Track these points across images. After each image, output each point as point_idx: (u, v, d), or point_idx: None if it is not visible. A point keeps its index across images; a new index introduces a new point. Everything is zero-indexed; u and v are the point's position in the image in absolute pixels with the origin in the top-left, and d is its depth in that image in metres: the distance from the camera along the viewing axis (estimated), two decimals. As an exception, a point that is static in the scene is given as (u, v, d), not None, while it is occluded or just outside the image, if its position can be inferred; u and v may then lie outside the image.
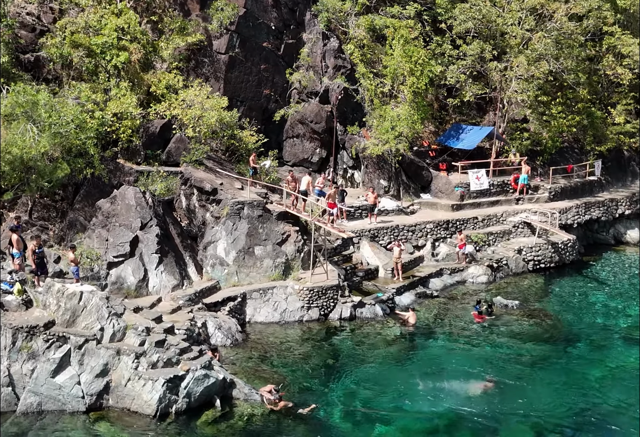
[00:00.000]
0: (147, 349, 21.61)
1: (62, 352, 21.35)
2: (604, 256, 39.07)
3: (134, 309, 23.66)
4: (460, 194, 36.68)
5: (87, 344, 21.49)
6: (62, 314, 21.84)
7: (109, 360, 21.46)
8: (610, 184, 42.52)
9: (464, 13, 37.24)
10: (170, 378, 21.13)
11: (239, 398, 22.39)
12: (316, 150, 37.26)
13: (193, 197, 30.60)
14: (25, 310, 22.39)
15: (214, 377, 21.81)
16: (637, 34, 41.16)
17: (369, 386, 24.31)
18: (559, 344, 28.13)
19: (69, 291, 21.91)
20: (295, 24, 37.98)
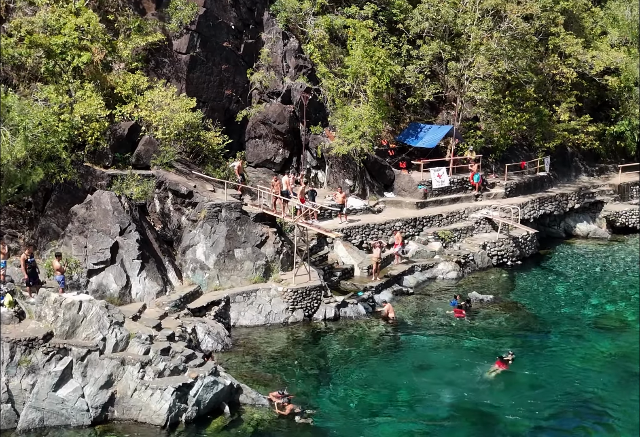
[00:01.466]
0: (153, 358, 21.07)
1: (63, 365, 20.56)
2: (557, 248, 40.45)
3: (133, 317, 22.96)
4: (424, 191, 37.26)
5: (90, 355, 20.77)
6: (60, 325, 21.00)
7: (113, 370, 20.80)
8: (558, 180, 44.05)
9: (423, 13, 37.77)
10: (179, 386, 20.68)
11: (247, 403, 22.11)
12: (279, 151, 37.04)
13: (168, 200, 29.94)
14: (19, 322, 21.43)
15: (222, 384, 21.46)
16: (580, 34, 42.77)
17: (364, 385, 24.47)
18: (535, 336, 29.03)
19: (67, 300, 21.10)
20: (254, 23, 37.68)
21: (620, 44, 45.78)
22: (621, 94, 45.67)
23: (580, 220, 42.76)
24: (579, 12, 42.49)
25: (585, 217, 43.02)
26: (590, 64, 41.88)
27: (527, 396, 24.08)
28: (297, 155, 37.50)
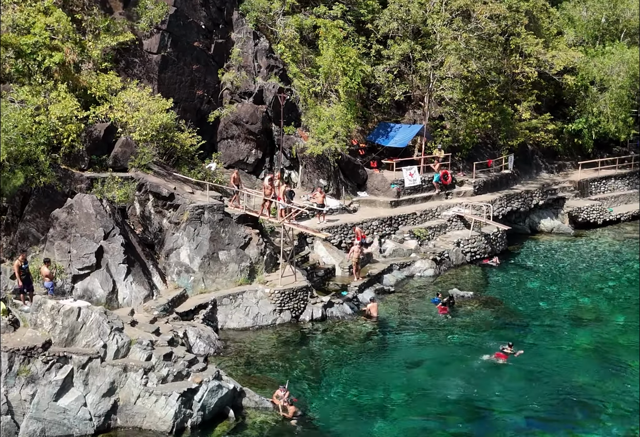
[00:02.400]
0: (155, 364, 20.70)
1: (64, 373, 20.01)
2: (524, 244, 41.28)
3: (131, 323, 22.47)
4: (397, 190, 37.53)
5: (91, 363, 20.28)
6: (59, 332, 20.43)
7: (115, 378, 20.35)
8: (520, 177, 44.95)
9: (393, 13, 38.02)
10: (184, 392, 20.36)
11: (250, 407, 21.92)
12: (252, 152, 36.78)
13: (148, 203, 29.39)
14: (14, 331, 20.76)
15: (226, 388, 21.20)
16: (538, 34, 43.70)
17: (357, 385, 24.58)
18: (517, 330, 29.60)
19: (65, 307, 20.53)
20: (223, 23, 37.28)
21: (577, 43, 46.95)
22: (578, 92, 46.82)
23: (544, 216, 43.74)
24: (537, 12, 43.36)
25: (548, 213, 44.02)
26: (550, 64, 42.81)
27: (517, 388, 24.69)
28: (270, 155, 37.30)
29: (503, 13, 38.02)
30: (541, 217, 43.58)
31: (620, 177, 48.51)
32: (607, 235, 43.76)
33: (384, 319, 29.77)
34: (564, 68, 44.35)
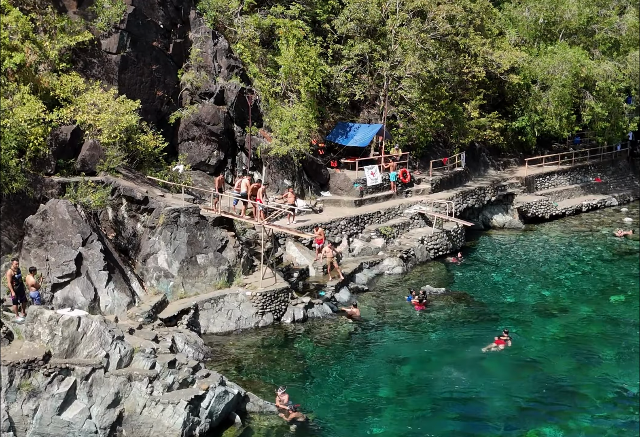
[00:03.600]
0: (160, 372, 20.20)
1: (66, 386, 19.29)
2: (480, 240, 42.20)
3: (129, 331, 21.83)
4: (360, 190, 37.74)
5: (95, 374, 19.61)
6: (59, 343, 19.67)
7: (120, 388, 19.74)
8: (471, 174, 45.93)
9: (351, 13, 38.18)
10: (192, 399, 19.93)
11: (254, 411, 21.71)
12: (214, 153, 36.21)
13: (121, 207, 28.59)
14: (9, 344, 19.86)
15: (231, 393, 20.90)
16: (485, 35, 44.75)
17: (346, 384, 24.71)
18: (490, 324, 30.27)
19: (64, 317, 19.76)
20: (180, 22, 36.57)
21: (520, 43, 48.28)
22: (520, 91, 48.17)
23: (496, 212, 44.84)
24: (482, 13, 44.33)
25: (499, 209, 45.14)
26: (497, 63, 43.88)
27: (503, 380, 25.30)
28: (232, 157, 36.85)
29: (459, 14, 38.73)
30: (493, 213, 44.65)
31: (562, 172, 50.23)
32: (555, 229, 45.23)
33: (363, 317, 29.90)
34: (510, 67, 45.51)
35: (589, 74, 45.41)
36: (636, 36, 47.77)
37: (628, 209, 50.33)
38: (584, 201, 49.31)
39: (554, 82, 45.89)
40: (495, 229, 44.39)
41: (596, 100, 46.19)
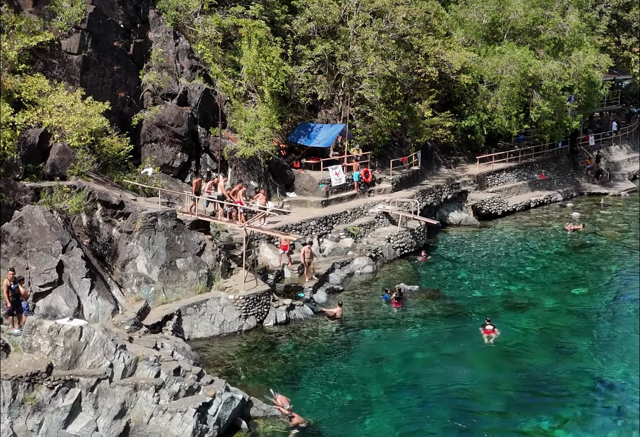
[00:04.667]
0: (166, 380, 19.73)
1: (71, 398, 18.64)
2: (439, 237, 42.85)
3: (128, 339, 21.22)
4: (325, 190, 37.77)
5: (100, 384, 19.00)
6: (61, 355, 18.97)
7: (126, 398, 19.19)
8: (425, 173, 46.58)
9: (313, 13, 38.10)
10: (200, 406, 19.55)
11: (259, 416, 21.45)
12: (177, 155, 35.55)
13: (96, 212, 27.75)
14: (6, 357, 19.03)
15: (237, 399, 20.59)
16: (435, 35, 45.43)
17: (336, 385, 24.73)
18: (463, 319, 30.85)
19: (66, 327, 19.07)
20: (140, 22, 35.77)
21: (468, 44, 49.20)
22: (469, 90, 49.12)
23: (452, 209, 45.61)
24: (433, 14, 44.97)
25: (454, 206, 45.95)
26: (449, 64, 44.62)
27: (486, 374, 25.83)
28: (196, 159, 36.29)
29: (418, 14, 39.20)
30: (449, 211, 45.40)
31: (510, 170, 51.54)
32: (509, 225, 46.36)
33: (344, 317, 29.96)
34: (460, 67, 46.31)
35: (536, 74, 46.71)
36: (579, 36, 49.46)
37: (573, 204, 52.05)
38: (532, 197, 50.74)
39: (502, 82, 47.00)
40: (452, 226, 45.14)
41: (543, 99, 47.54)
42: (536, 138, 55.49)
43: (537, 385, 25.27)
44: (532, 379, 25.65)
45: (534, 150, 54.25)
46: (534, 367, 26.59)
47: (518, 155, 52.69)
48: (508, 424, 22.66)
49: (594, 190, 55.50)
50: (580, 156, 59.06)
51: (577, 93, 49.98)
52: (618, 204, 52.57)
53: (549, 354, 27.81)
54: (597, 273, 37.52)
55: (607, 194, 54.68)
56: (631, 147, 67.19)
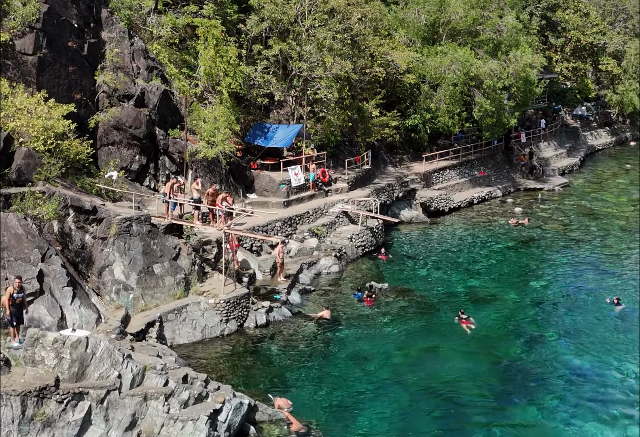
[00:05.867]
0: (175, 388, 19.26)
1: (81, 412, 17.98)
2: (393, 235, 43.32)
3: (131, 348, 20.57)
4: (286, 190, 37.62)
5: (109, 396, 18.40)
6: (68, 367, 18.26)
7: (136, 409, 18.66)
8: (376, 172, 47.02)
9: (269, 13, 37.81)
10: (211, 414, 19.20)
11: (264, 420, 21.22)
12: (135, 158, 34.66)
13: (68, 218, 26.73)
14: (9, 372, 18.17)
15: (245, 404, 20.32)
16: (382, 36, 45.91)
17: (324, 386, 24.84)
18: (434, 314, 31.43)
19: (71, 339, 18.37)
20: (93, 21, 34.67)
21: (410, 44, 49.90)
22: (412, 90, 49.88)
23: (402, 207, 46.22)
24: (377, 14, 45.35)
25: (404, 204, 46.57)
26: (395, 64, 45.17)
27: (467, 367, 26.43)
28: (154, 161, 35.48)
29: (374, 15, 39.51)
30: (400, 209, 45.97)
31: (452, 167, 52.63)
32: (457, 221, 47.36)
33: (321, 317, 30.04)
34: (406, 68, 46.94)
35: (477, 73, 47.87)
36: (516, 37, 50.99)
37: (513, 200, 53.63)
38: (474, 194, 51.98)
39: (444, 81, 47.93)
40: (403, 223, 45.70)
41: (484, 98, 48.77)
42: (473, 136, 56.93)
43: (515, 375, 26.12)
44: (509, 369, 26.53)
45: (473, 148, 55.55)
46: (509, 358, 27.51)
47: (459, 153, 53.82)
48: (496, 416, 23.25)
49: (530, 186, 57.35)
50: (514, 153, 60.92)
51: (515, 92, 51.46)
52: (554, 199, 54.53)
53: (520, 345, 28.76)
54: (550, 265, 38.86)
55: (543, 189, 56.63)
56: (557, 143, 69.82)
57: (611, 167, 69.85)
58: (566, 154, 68.47)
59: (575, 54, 76.08)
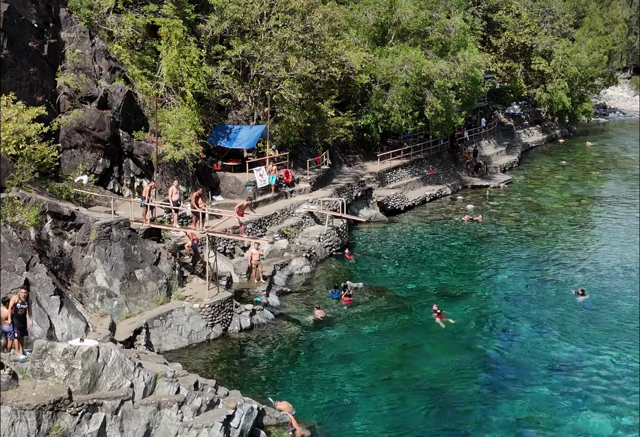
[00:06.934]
0: (187, 395, 18.88)
1: (96, 424, 17.45)
2: (355, 234, 43.45)
3: (138, 356, 20.00)
4: (252, 191, 37.31)
5: (124, 406, 17.89)
6: (80, 378, 17.66)
7: (150, 418, 18.25)
8: (334, 172, 47.13)
9: (231, 13, 37.33)
10: (224, 420, 18.92)
11: (272, 424, 21.06)
12: (99, 161, 33.68)
13: (46, 225, 25.82)
14: (17, 386, 17.45)
15: (255, 409, 20.09)
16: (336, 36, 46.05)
17: (311, 385, 24.89)
18: (409, 311, 31.82)
19: (82, 349, 17.76)
20: (52, 21, 33.51)
21: (361, 43, 50.16)
22: (364, 90, 50.22)
23: (361, 206, 46.50)
24: (336, 14, 45.46)
25: (362, 203, 46.86)
26: (350, 64, 45.37)
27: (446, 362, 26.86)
28: (118, 164, 34.59)
29: (336, 15, 39.55)
30: (358, 208, 46.24)
31: (404, 166, 53.26)
32: (414, 219, 47.94)
33: (302, 319, 29.91)
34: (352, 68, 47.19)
35: (428, 73, 48.57)
36: (464, 37, 51.98)
37: (463, 197, 54.68)
38: (426, 192, 52.74)
39: (396, 81, 48.40)
40: (362, 222, 45.96)
41: (435, 98, 49.54)
42: (421, 135, 57.76)
43: (497, 368, 26.75)
44: (491, 362, 27.20)
45: (422, 147, 56.33)
46: (489, 350, 28.13)
47: (409, 153, 54.50)
48: (486, 408, 23.72)
49: (476, 183, 58.55)
50: (459, 151, 62.10)
51: (462, 91, 52.45)
52: (501, 195, 55.85)
53: (497, 338, 29.50)
54: (510, 260, 39.76)
55: (489, 186, 57.90)
56: (497, 141, 71.54)
57: (547, 163, 71.96)
58: (505, 151, 70.22)
59: (508, 54, 78.23)
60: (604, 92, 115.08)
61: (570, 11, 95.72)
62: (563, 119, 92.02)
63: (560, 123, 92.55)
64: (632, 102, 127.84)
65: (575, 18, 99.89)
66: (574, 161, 73.04)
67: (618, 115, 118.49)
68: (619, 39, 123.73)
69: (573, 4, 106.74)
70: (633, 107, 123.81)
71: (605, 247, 41.90)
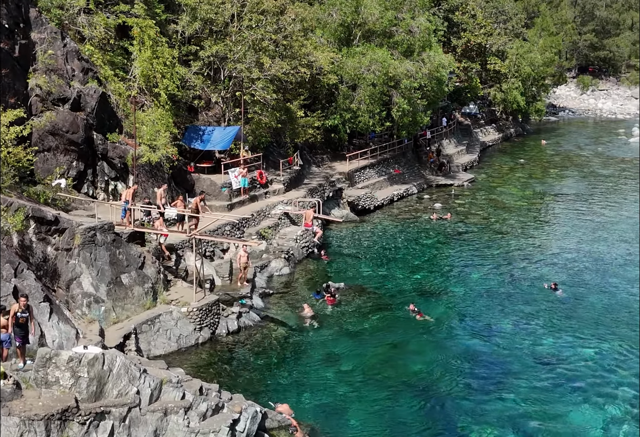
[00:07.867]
0: (193, 401, 18.66)
1: (105, 432, 17.18)
2: (328, 234, 43.25)
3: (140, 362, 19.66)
4: (228, 193, 37.04)
5: (131, 413, 17.60)
6: (86, 386, 17.32)
7: (157, 425, 18.02)
8: (305, 172, 47.09)
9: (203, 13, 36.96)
10: (231, 424, 18.76)
11: (274, 427, 20.92)
12: (73, 164, 33.02)
13: (29, 230, 25.19)
14: (21, 396, 17.01)
15: (259, 412, 19.96)
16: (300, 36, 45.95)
17: (302, 387, 24.89)
18: (392, 310, 32.02)
19: (88, 356, 17.41)
20: (22, 21, 32.72)
21: (327, 44, 50.19)
22: (330, 91, 50.29)
23: (332, 206, 46.53)
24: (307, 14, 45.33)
25: (333, 203, 46.91)
26: (319, 65, 45.38)
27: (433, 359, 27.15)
28: (92, 167, 33.96)
29: (308, 16, 39.48)
30: (330, 208, 46.25)
31: (371, 166, 53.51)
32: (384, 218, 48.19)
33: (287, 321, 29.83)
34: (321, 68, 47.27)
35: (395, 73, 48.90)
36: (428, 38, 52.47)
37: (429, 196, 55.20)
38: (394, 191, 53.07)
39: (363, 82, 48.59)
40: (334, 223, 46.04)
41: (402, 98, 49.91)
42: (386, 134, 58.11)
43: (484, 364, 27.06)
44: (477, 358, 27.57)
45: (388, 147, 56.69)
46: (473, 347, 28.45)
47: (376, 152, 54.79)
48: (475, 403, 23.96)
49: (440, 182, 59.17)
50: (423, 151, 62.67)
51: (428, 91, 52.94)
52: (466, 194, 56.56)
53: (479, 335, 29.79)
54: (483, 257, 40.26)
55: (453, 185, 58.58)
56: (457, 140, 72.43)
57: (506, 162, 73.13)
58: (465, 150, 71.14)
59: (465, 54, 79.28)
60: (553, 91, 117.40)
61: (521, 12, 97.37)
62: (517, 118, 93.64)
63: (514, 122, 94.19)
64: (579, 100, 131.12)
65: (526, 19, 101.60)
66: (531, 159, 74.41)
67: (567, 113, 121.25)
68: (568, 39, 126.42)
69: (524, 4, 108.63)
70: (581, 106, 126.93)
71: (573, 243, 42.80)
